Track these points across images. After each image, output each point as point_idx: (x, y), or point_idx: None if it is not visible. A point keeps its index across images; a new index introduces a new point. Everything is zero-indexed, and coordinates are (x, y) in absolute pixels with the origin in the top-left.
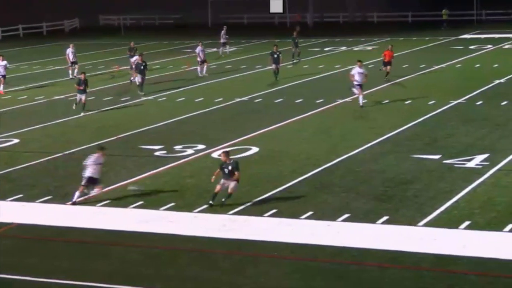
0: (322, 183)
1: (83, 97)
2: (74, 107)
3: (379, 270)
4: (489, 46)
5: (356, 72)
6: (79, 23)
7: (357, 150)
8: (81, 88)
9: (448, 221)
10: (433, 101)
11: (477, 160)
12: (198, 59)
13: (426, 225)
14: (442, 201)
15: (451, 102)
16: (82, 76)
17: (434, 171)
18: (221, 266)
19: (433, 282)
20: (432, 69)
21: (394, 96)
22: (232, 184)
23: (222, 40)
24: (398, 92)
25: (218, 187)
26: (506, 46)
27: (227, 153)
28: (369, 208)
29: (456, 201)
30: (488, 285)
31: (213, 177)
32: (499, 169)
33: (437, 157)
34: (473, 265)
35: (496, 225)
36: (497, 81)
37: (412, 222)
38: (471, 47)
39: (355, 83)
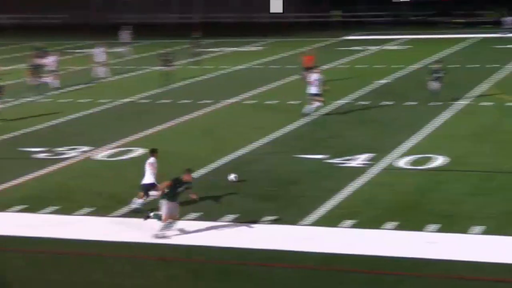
0: (208, 184)
1: None
2: None
3: (264, 269)
4: (373, 47)
5: (314, 78)
6: None
7: (243, 151)
8: None
9: (332, 220)
10: None
11: (361, 159)
12: (97, 60)
13: (310, 224)
14: (326, 200)
15: (337, 103)
16: None
17: (319, 171)
18: (107, 269)
19: (319, 280)
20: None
21: (281, 96)
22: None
23: (125, 41)
24: (284, 92)
25: (165, 217)
26: (390, 47)
27: (190, 172)
28: (254, 208)
29: (340, 200)
30: (373, 282)
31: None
32: (382, 168)
33: (322, 156)
34: (358, 263)
35: (379, 223)
36: (380, 81)
37: (297, 221)
38: (356, 48)
39: (313, 91)
